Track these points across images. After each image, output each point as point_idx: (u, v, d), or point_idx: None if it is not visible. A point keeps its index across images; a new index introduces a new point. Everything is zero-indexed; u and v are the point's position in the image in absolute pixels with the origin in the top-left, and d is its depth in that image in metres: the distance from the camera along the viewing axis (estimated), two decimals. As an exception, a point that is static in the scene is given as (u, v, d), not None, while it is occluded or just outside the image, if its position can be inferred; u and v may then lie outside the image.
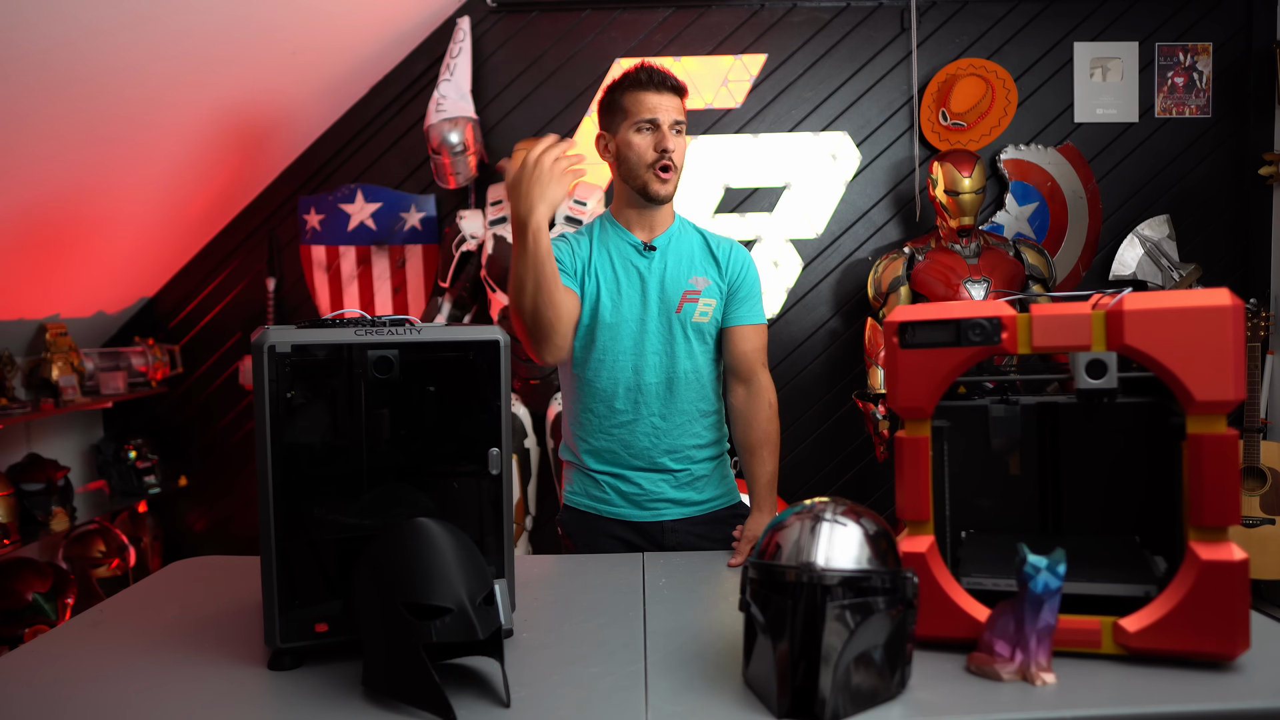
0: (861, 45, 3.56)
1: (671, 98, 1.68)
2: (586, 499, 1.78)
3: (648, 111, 1.66)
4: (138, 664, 1.17)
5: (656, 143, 1.66)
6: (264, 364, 1.10)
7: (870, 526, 1.02)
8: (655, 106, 1.66)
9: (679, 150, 1.69)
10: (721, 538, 1.74)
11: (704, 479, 1.76)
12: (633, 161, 1.68)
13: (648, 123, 1.66)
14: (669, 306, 1.72)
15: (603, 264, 1.74)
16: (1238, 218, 3.55)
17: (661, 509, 1.74)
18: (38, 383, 3.08)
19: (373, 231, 3.57)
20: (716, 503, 1.78)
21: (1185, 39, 3.52)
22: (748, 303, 1.77)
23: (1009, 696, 1.00)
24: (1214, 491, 1.04)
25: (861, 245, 3.61)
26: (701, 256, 1.76)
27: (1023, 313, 1.12)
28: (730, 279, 1.75)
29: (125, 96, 2.56)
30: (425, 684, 0.98)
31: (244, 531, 3.72)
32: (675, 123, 1.68)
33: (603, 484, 1.75)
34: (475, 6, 3.50)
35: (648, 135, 1.67)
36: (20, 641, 2.73)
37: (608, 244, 1.75)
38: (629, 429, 1.72)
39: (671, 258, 1.74)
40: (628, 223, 1.76)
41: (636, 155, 1.67)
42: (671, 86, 1.68)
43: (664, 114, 1.66)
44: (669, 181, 1.69)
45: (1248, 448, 3.09)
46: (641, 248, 1.73)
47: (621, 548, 1.74)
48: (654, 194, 1.69)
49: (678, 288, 1.72)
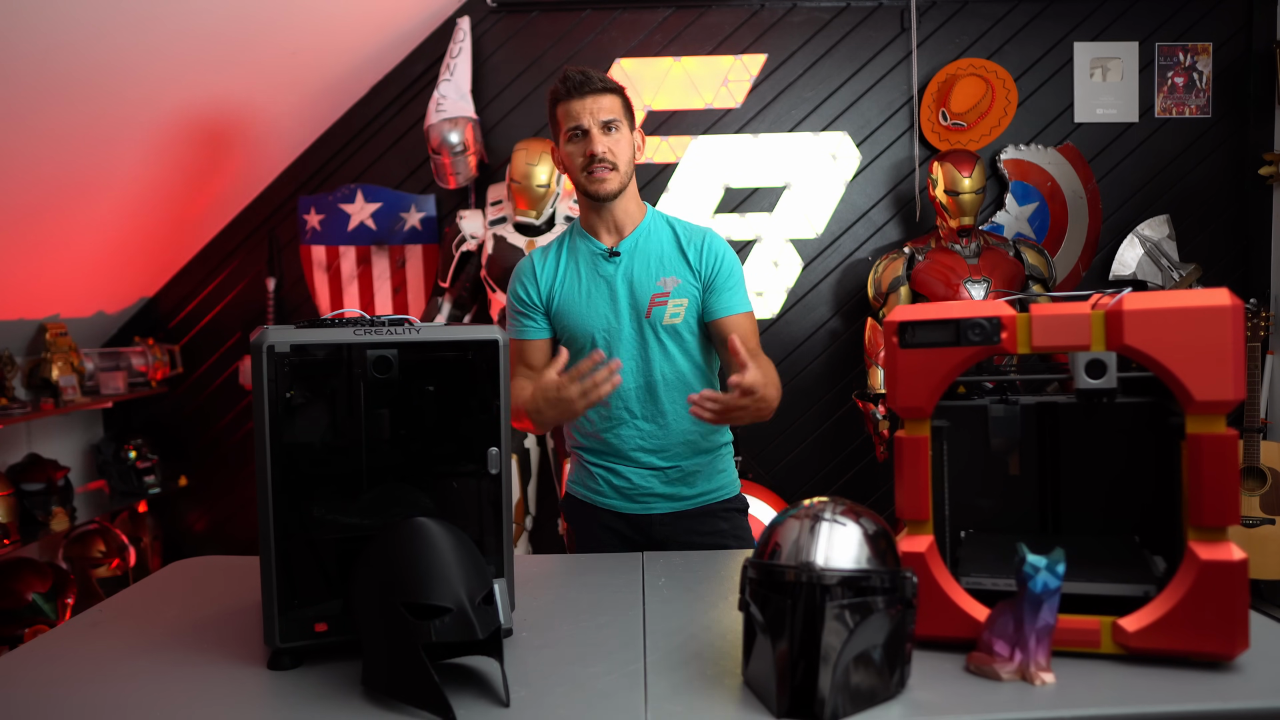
0: (861, 45, 3.56)
1: (597, 99, 1.66)
2: (582, 488, 1.82)
3: (573, 120, 1.67)
4: (137, 664, 1.17)
5: (585, 148, 1.67)
6: (263, 364, 1.10)
7: (870, 526, 1.02)
8: (579, 113, 1.66)
9: (614, 146, 1.67)
10: (710, 531, 1.76)
11: (695, 474, 1.77)
12: (570, 169, 1.71)
13: (575, 130, 1.67)
14: (639, 311, 1.71)
15: (571, 276, 1.75)
16: (1238, 218, 3.55)
17: (651, 503, 1.76)
18: (38, 383, 3.08)
19: (373, 231, 3.57)
20: (708, 497, 1.79)
21: (1185, 39, 3.52)
22: (727, 292, 1.73)
23: (1008, 696, 1.00)
24: (1213, 491, 1.04)
25: (861, 245, 3.61)
26: (671, 255, 1.74)
27: (1022, 313, 1.12)
28: (705, 273, 1.72)
29: (125, 96, 2.56)
30: (425, 684, 0.98)
31: (244, 531, 3.72)
32: (605, 122, 1.67)
33: (596, 476, 1.79)
34: (475, 6, 3.50)
35: (579, 143, 1.68)
36: (20, 641, 2.73)
37: (576, 254, 1.77)
38: (614, 432, 1.75)
39: (639, 260, 1.73)
40: (593, 228, 1.76)
41: (570, 163, 1.70)
42: (595, 88, 1.66)
43: (589, 118, 1.65)
44: (605, 179, 1.68)
45: (1248, 448, 3.09)
46: (606, 254, 1.73)
47: (614, 538, 1.78)
48: (594, 192, 1.69)
49: (646, 291, 1.71)
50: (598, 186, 1.68)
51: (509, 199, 3.21)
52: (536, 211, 3.14)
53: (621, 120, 1.69)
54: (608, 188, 1.68)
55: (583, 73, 1.67)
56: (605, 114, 1.66)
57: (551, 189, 3.14)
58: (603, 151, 1.65)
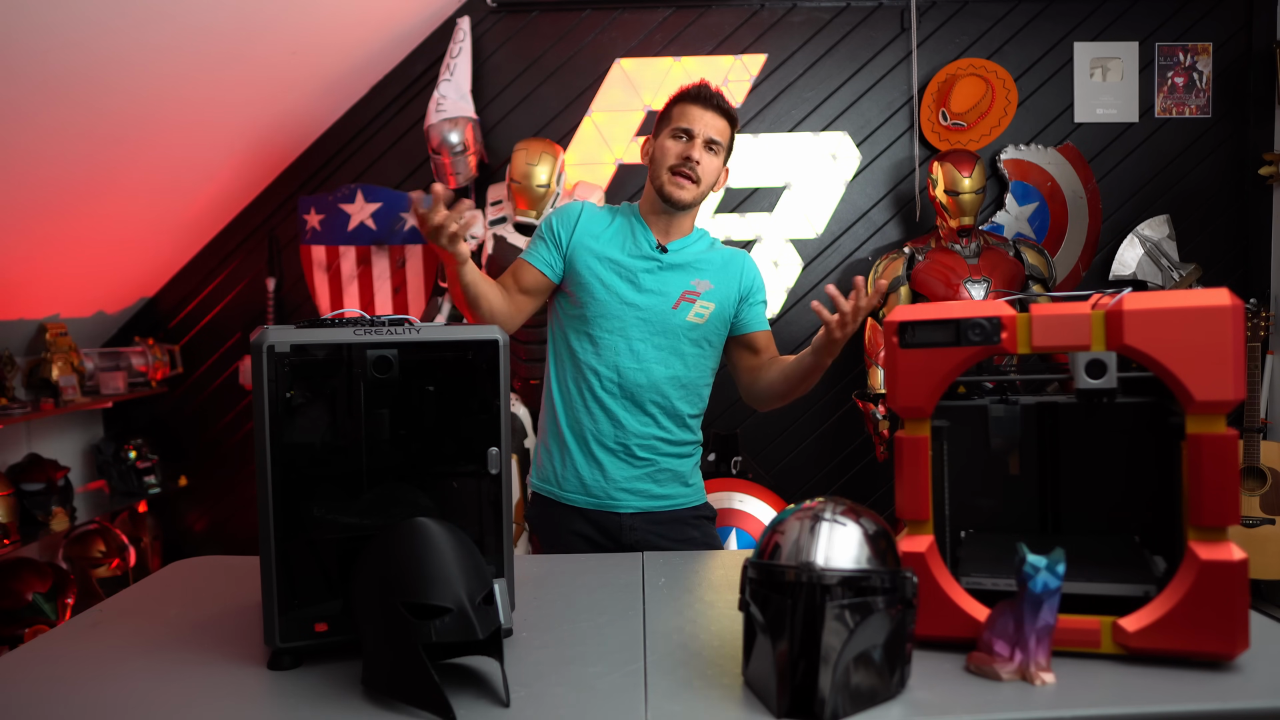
0: (861, 45, 3.56)
1: (716, 118, 1.73)
2: (546, 483, 1.80)
3: (686, 122, 1.72)
4: (137, 664, 1.17)
5: (683, 150, 1.71)
6: (263, 364, 1.10)
7: (869, 526, 1.02)
8: (695, 119, 1.72)
9: (706, 165, 1.73)
10: (681, 538, 1.76)
11: (666, 473, 1.77)
12: (657, 161, 1.75)
13: (683, 130, 1.72)
14: (665, 303, 1.74)
15: (615, 243, 1.77)
16: (1238, 218, 3.55)
17: (620, 499, 1.75)
18: (38, 383, 3.08)
19: (373, 231, 3.57)
20: (676, 501, 1.79)
21: (1185, 39, 3.52)
22: (760, 306, 1.85)
23: (1008, 696, 1.00)
24: (1213, 491, 1.04)
25: (861, 245, 3.61)
26: (713, 266, 1.80)
27: (1022, 313, 1.12)
28: (745, 287, 1.81)
29: (126, 96, 2.56)
30: (425, 684, 0.98)
31: (244, 531, 3.72)
32: (711, 140, 1.73)
33: (566, 462, 1.76)
34: (475, 6, 3.50)
35: (679, 142, 1.73)
36: (20, 641, 2.73)
37: (625, 230, 1.79)
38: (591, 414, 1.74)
39: (680, 259, 1.78)
40: (649, 221, 1.81)
41: (661, 155, 1.74)
42: (719, 107, 1.73)
43: (700, 127, 1.71)
44: (685, 188, 1.72)
45: (1248, 448, 3.09)
46: (654, 245, 1.78)
47: (581, 542, 1.76)
48: (667, 195, 1.73)
49: (679, 286, 1.75)
50: (674, 190, 1.73)
51: (509, 199, 3.21)
52: (536, 211, 3.14)
53: (723, 148, 1.76)
54: (683, 195, 1.73)
55: (716, 91, 1.74)
56: (715, 134, 1.73)
57: (551, 189, 3.14)
58: (698, 159, 1.71)
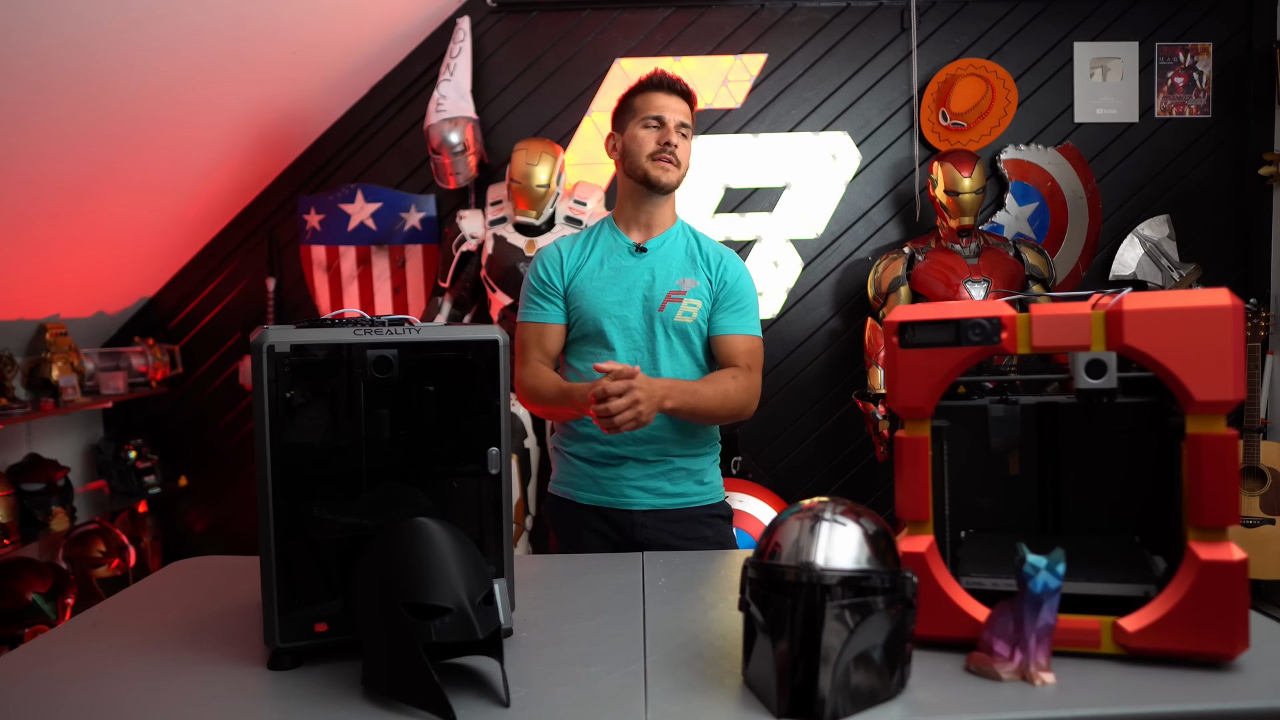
0: (861, 45, 3.56)
1: (680, 102, 1.78)
2: (564, 485, 1.83)
3: (655, 110, 1.76)
4: (137, 664, 1.17)
5: (660, 137, 1.75)
6: (263, 364, 1.10)
7: (869, 526, 1.02)
8: (663, 106, 1.76)
9: (682, 148, 1.77)
10: (694, 536, 1.77)
11: (679, 472, 1.77)
12: (635, 153, 1.76)
13: (654, 119, 1.76)
14: (653, 305, 1.76)
15: (594, 263, 1.80)
16: (1238, 218, 3.55)
17: (633, 496, 1.75)
18: (38, 383, 3.08)
19: (373, 231, 3.57)
20: (690, 499, 1.79)
21: (1185, 39, 3.52)
22: (737, 313, 1.78)
23: (1008, 696, 1.00)
24: (1213, 491, 1.04)
25: (861, 245, 3.61)
26: (692, 259, 1.80)
27: (1022, 313, 1.12)
28: (718, 284, 1.78)
29: (126, 96, 2.56)
30: (425, 684, 0.98)
31: (244, 531, 3.72)
32: (681, 124, 1.77)
33: (579, 466, 1.79)
34: (475, 6, 3.50)
35: (653, 130, 1.76)
36: (20, 641, 2.73)
37: (603, 245, 1.83)
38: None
39: (661, 259, 1.79)
40: (626, 224, 1.83)
41: (639, 146, 1.76)
42: (680, 91, 1.78)
43: (670, 114, 1.76)
44: (669, 170, 1.76)
45: (1248, 448, 3.09)
46: (633, 249, 1.80)
47: (597, 539, 1.77)
48: (654, 180, 1.75)
49: (664, 287, 1.76)
50: (660, 173, 1.75)
51: (509, 199, 3.21)
52: (536, 211, 3.14)
53: (691, 130, 1.80)
54: (669, 178, 1.76)
55: (674, 76, 1.78)
56: (684, 117, 1.78)
57: (551, 189, 3.14)
58: (675, 143, 1.75)
